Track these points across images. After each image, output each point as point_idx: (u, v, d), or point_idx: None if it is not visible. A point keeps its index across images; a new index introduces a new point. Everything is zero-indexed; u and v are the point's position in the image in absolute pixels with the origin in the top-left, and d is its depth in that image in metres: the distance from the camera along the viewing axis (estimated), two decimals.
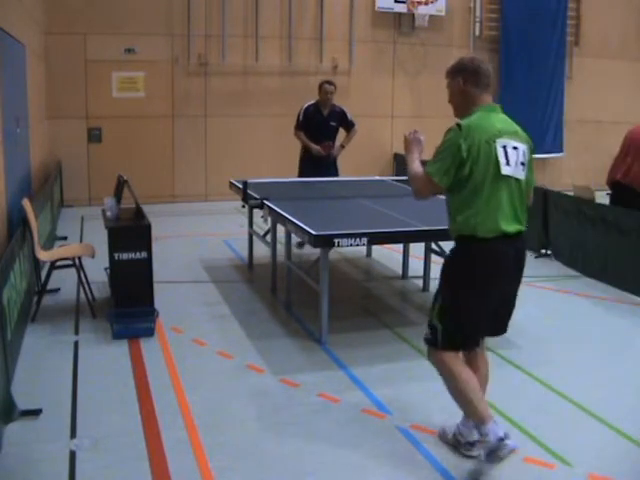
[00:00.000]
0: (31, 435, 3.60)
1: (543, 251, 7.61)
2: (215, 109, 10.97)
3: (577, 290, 6.46)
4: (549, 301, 6.18)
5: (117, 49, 10.33)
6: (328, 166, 7.81)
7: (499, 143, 3.18)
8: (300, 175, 7.87)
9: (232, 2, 10.75)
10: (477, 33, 12.21)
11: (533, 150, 3.38)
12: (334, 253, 6.60)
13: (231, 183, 7.08)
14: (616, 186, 7.02)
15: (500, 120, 3.31)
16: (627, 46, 13.10)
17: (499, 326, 3.48)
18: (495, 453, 3.12)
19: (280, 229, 5.88)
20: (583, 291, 6.43)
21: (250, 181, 6.47)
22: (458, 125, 3.25)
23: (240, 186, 6.36)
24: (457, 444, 3.50)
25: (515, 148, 3.22)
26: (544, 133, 12.63)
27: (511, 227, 3.20)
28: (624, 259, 6.39)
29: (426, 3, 11.65)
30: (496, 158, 3.15)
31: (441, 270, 3.39)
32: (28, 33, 7.80)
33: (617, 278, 6.47)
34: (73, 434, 3.61)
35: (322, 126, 7.74)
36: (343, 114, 7.92)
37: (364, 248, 7.39)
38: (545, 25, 12.29)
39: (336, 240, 4.63)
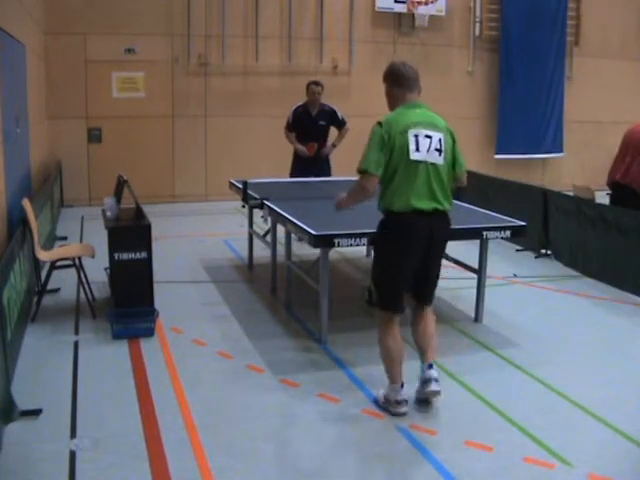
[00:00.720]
0: (31, 435, 3.60)
1: (543, 251, 7.61)
2: (215, 109, 10.97)
3: (577, 290, 6.46)
4: (549, 301, 6.18)
5: (117, 49, 10.33)
6: (320, 165, 7.89)
7: (411, 133, 3.68)
8: (292, 174, 7.97)
9: (232, 2, 10.75)
10: (477, 33, 12.21)
11: (455, 140, 3.86)
12: (334, 253, 6.60)
13: (231, 183, 7.08)
14: (616, 186, 7.03)
15: (418, 114, 3.77)
16: (627, 46, 13.10)
17: (419, 293, 4.03)
18: (387, 409, 3.86)
19: (280, 229, 5.88)
20: (583, 291, 6.43)
21: (250, 181, 6.47)
22: (379, 122, 3.76)
23: (240, 186, 6.36)
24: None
25: (428, 137, 3.71)
26: (544, 133, 12.65)
27: (425, 205, 3.72)
28: (624, 259, 6.39)
29: (426, 3, 11.65)
30: (407, 146, 3.67)
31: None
32: (28, 33, 7.80)
33: (617, 278, 6.47)
34: (73, 434, 3.61)
35: (311, 126, 7.83)
36: (333, 113, 7.99)
37: (364, 248, 7.39)
38: (545, 25, 12.30)
39: (336, 240, 4.63)
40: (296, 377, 4.35)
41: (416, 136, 3.69)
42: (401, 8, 11.57)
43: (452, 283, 6.42)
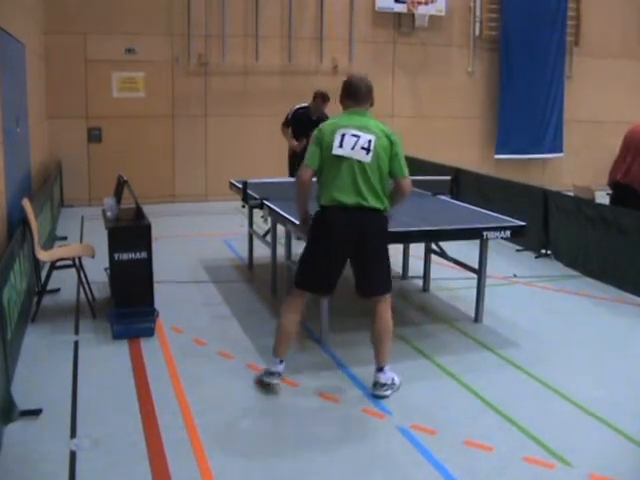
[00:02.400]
0: (31, 435, 3.60)
1: (543, 251, 7.61)
2: (215, 109, 10.97)
3: (577, 290, 6.46)
4: (549, 301, 6.18)
5: (117, 49, 10.33)
6: None
7: (339, 132, 4.03)
8: (290, 174, 8.05)
9: (232, 2, 10.75)
10: (477, 33, 12.20)
11: (393, 142, 4.08)
12: None
13: (231, 183, 7.08)
14: (616, 186, 7.03)
15: (352, 119, 4.13)
16: (627, 46, 13.10)
17: (358, 285, 4.19)
18: (262, 380, 4.17)
19: (280, 229, 5.88)
20: (583, 291, 6.43)
21: (250, 181, 6.46)
22: (319, 128, 4.19)
23: (240, 186, 6.36)
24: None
25: (355, 136, 4.00)
26: (544, 133, 12.65)
27: (347, 199, 3.96)
28: (624, 259, 6.39)
29: (426, 3, 11.64)
30: (332, 142, 4.01)
31: None
32: (28, 33, 7.80)
33: (617, 278, 6.47)
34: (73, 434, 3.62)
35: (309, 129, 7.87)
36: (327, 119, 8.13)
37: None
38: (545, 25, 12.29)
39: None
40: (296, 377, 4.35)
41: (343, 135, 4.01)
42: (401, 8, 11.57)
43: (452, 283, 6.43)
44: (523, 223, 5.28)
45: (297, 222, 4.55)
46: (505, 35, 12.18)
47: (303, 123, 8.00)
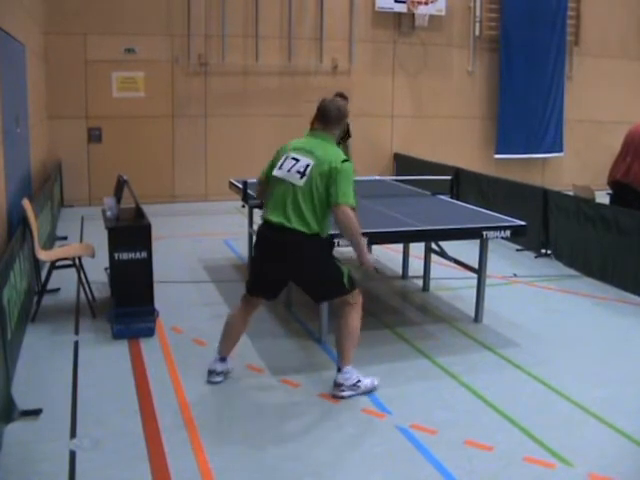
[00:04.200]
0: (31, 435, 3.60)
1: (543, 251, 7.61)
2: (215, 109, 10.97)
3: (577, 290, 6.46)
4: (549, 301, 6.18)
5: (117, 49, 10.33)
6: None
7: (285, 154, 4.13)
8: None
9: (232, 2, 10.75)
10: (477, 33, 12.21)
11: (335, 169, 3.93)
12: (334, 253, 6.59)
13: (231, 183, 7.08)
14: (616, 185, 7.03)
15: (305, 142, 4.15)
16: (627, 46, 13.10)
17: (267, 292, 4.30)
18: (208, 378, 4.26)
19: None
20: (583, 291, 6.43)
21: (250, 181, 6.46)
22: (283, 145, 4.28)
23: (240, 186, 6.36)
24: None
25: (295, 159, 4.05)
26: (544, 133, 12.65)
27: (275, 218, 4.02)
28: (624, 259, 6.39)
29: (426, 3, 11.64)
30: (276, 163, 4.14)
31: None
32: (28, 33, 7.80)
33: (617, 278, 6.47)
34: (73, 434, 3.62)
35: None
36: (347, 125, 8.08)
37: None
38: (545, 25, 12.30)
39: (336, 240, 4.62)
40: (296, 377, 4.35)
41: (286, 157, 4.11)
42: (401, 8, 11.57)
43: (452, 283, 6.43)
44: (523, 223, 5.29)
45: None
46: (505, 35, 12.18)
47: None
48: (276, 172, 4.10)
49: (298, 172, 3.99)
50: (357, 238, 3.98)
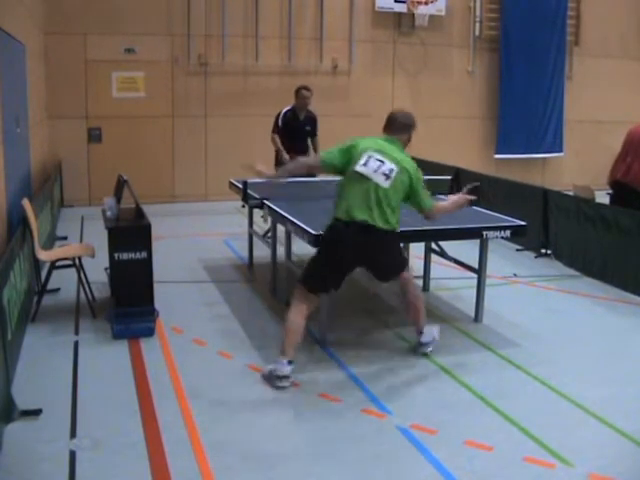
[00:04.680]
0: (31, 435, 3.60)
1: (543, 251, 7.61)
2: (215, 109, 10.97)
3: (577, 290, 6.46)
4: (549, 301, 6.18)
5: (117, 49, 10.32)
6: None
7: (367, 153, 4.36)
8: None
9: (232, 2, 10.75)
10: (477, 33, 12.20)
11: (413, 179, 4.36)
12: None
13: (231, 183, 7.08)
14: (616, 185, 7.03)
15: (384, 145, 4.42)
16: (627, 46, 13.10)
17: (334, 286, 4.53)
18: (268, 380, 4.22)
19: (280, 229, 5.88)
20: (583, 291, 6.43)
21: (250, 181, 6.46)
22: (356, 139, 4.52)
23: (240, 186, 6.36)
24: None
25: (380, 161, 4.31)
26: (544, 133, 12.64)
27: (359, 215, 4.24)
28: (624, 259, 6.39)
29: (426, 3, 11.64)
30: (358, 161, 4.34)
31: None
32: (28, 33, 7.80)
33: (617, 278, 6.47)
34: (73, 434, 3.62)
35: (298, 130, 7.94)
36: (316, 120, 8.18)
37: None
38: (545, 25, 12.29)
39: None
40: (296, 377, 4.34)
41: (370, 156, 4.33)
42: (401, 8, 11.56)
43: (452, 283, 6.43)
44: (523, 223, 5.29)
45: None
46: (505, 35, 12.17)
47: (292, 126, 7.96)
48: (360, 168, 4.30)
49: (384, 174, 4.27)
50: (456, 209, 4.70)
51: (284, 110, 8.15)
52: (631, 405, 4.08)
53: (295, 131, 7.95)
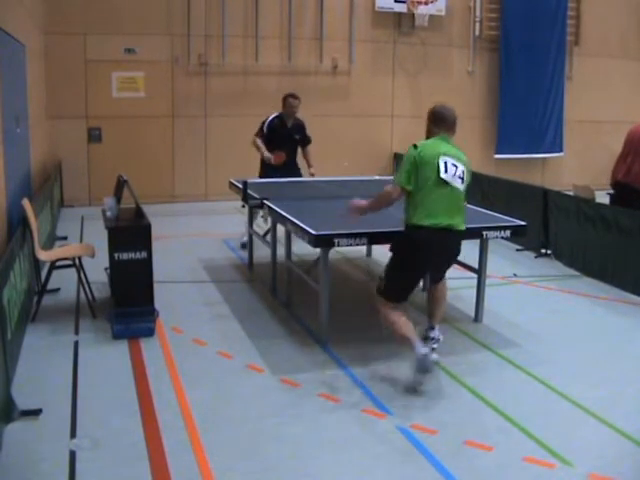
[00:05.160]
0: (31, 435, 3.60)
1: (543, 251, 7.61)
2: (215, 109, 10.97)
3: (577, 290, 6.46)
4: (549, 301, 6.18)
5: (117, 49, 10.33)
6: (289, 169, 7.73)
7: (442, 158, 4.31)
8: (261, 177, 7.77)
9: (232, 2, 10.75)
10: (477, 33, 12.21)
11: (470, 171, 4.50)
12: (334, 253, 6.60)
13: (231, 183, 7.08)
14: (618, 186, 7.03)
15: (449, 148, 4.41)
16: (627, 46, 13.11)
17: (432, 278, 4.76)
18: (419, 365, 4.12)
19: (280, 229, 5.88)
20: (583, 291, 6.43)
21: (250, 181, 6.47)
22: (414, 145, 4.39)
23: (240, 186, 6.36)
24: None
25: (455, 165, 4.34)
26: (544, 133, 12.65)
27: (445, 221, 4.29)
28: (624, 259, 6.39)
29: (426, 3, 11.64)
30: (438, 167, 4.28)
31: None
32: (28, 33, 7.80)
33: (617, 278, 6.47)
34: (73, 434, 3.62)
35: (285, 138, 7.72)
36: (304, 128, 7.92)
37: (364, 248, 7.39)
38: (545, 25, 12.30)
39: (336, 240, 4.63)
40: (296, 377, 4.35)
41: (445, 162, 4.32)
42: (401, 8, 11.57)
43: (452, 283, 6.41)
44: (523, 223, 5.29)
45: (354, 207, 4.63)
46: (505, 35, 12.18)
47: (280, 134, 7.68)
48: (444, 175, 4.29)
49: (460, 178, 4.36)
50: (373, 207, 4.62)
51: (271, 117, 7.83)
52: (631, 405, 4.09)
53: (282, 139, 7.71)
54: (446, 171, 4.30)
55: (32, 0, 8.50)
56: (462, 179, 4.38)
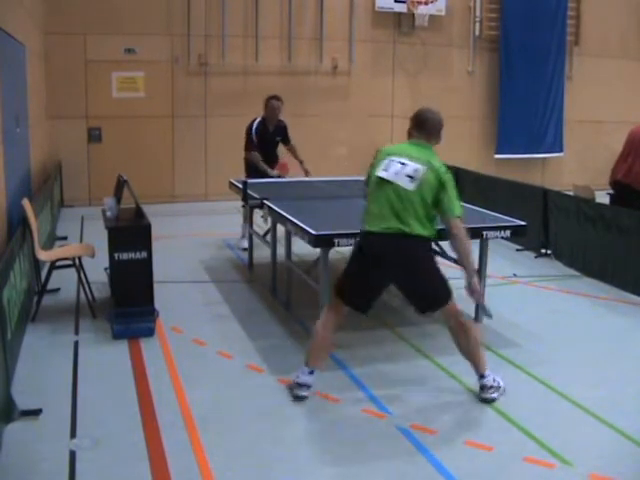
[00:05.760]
0: (31, 435, 3.60)
1: (543, 251, 7.61)
2: (215, 109, 10.97)
3: (577, 290, 6.46)
4: (549, 301, 6.18)
5: (117, 49, 10.33)
6: (273, 162, 7.73)
7: (389, 158, 4.04)
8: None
9: (232, 2, 10.75)
10: (477, 33, 12.21)
11: (442, 182, 3.94)
12: (334, 253, 6.59)
13: (231, 183, 7.08)
14: (617, 186, 7.04)
15: (408, 149, 4.10)
16: (627, 46, 13.10)
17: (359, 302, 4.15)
18: (290, 390, 4.08)
19: (280, 229, 5.88)
20: (583, 291, 6.43)
21: (250, 181, 6.47)
22: (379, 149, 4.26)
23: (240, 186, 6.36)
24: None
25: (402, 163, 3.97)
26: (544, 133, 12.65)
27: (388, 224, 3.90)
28: (624, 259, 6.39)
29: (426, 3, 11.64)
30: (378, 166, 4.04)
31: None
32: (28, 33, 7.80)
33: (617, 278, 6.47)
34: (73, 434, 3.62)
35: (268, 141, 7.68)
36: (286, 129, 7.84)
37: None
38: (545, 25, 12.29)
39: (336, 240, 4.63)
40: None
41: (391, 160, 4.01)
42: (401, 8, 11.57)
43: (452, 283, 6.41)
44: (523, 223, 5.29)
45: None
46: (505, 35, 12.18)
47: (263, 137, 7.60)
48: (381, 173, 3.98)
49: (408, 176, 3.91)
50: (469, 256, 4.02)
51: (255, 124, 7.67)
52: (631, 405, 4.08)
53: (266, 142, 7.63)
54: (386, 169, 3.97)
55: (32, 0, 8.50)
56: (412, 177, 3.90)
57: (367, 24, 11.63)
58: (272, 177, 7.47)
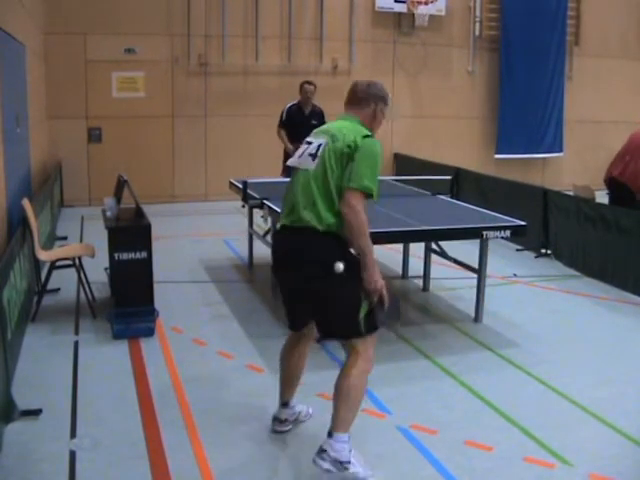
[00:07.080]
0: (31, 435, 3.60)
1: (543, 251, 7.61)
2: (215, 109, 10.97)
3: (577, 290, 6.46)
4: (549, 301, 6.18)
5: (117, 49, 10.33)
6: None
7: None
8: (283, 173, 7.94)
9: (232, 2, 10.75)
10: (477, 33, 12.21)
11: (354, 146, 3.14)
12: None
13: (231, 183, 7.08)
14: (612, 183, 7.05)
15: (327, 126, 3.46)
16: (627, 46, 13.11)
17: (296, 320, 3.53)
18: (272, 427, 3.65)
19: None
20: (583, 291, 6.43)
21: (250, 181, 6.47)
22: None
23: (240, 186, 6.36)
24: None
25: (309, 142, 3.35)
26: (544, 133, 12.66)
27: (287, 219, 3.25)
28: (624, 259, 6.39)
29: (426, 3, 11.65)
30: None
31: None
32: (28, 33, 7.80)
33: (617, 278, 6.47)
34: (73, 434, 3.61)
35: (304, 125, 7.81)
36: (323, 114, 8.17)
37: None
38: (545, 25, 12.30)
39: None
40: None
41: (307, 142, 3.38)
42: (401, 8, 11.57)
43: (452, 283, 6.43)
44: (523, 223, 5.29)
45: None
46: (505, 35, 12.18)
47: (298, 121, 7.95)
48: (289, 161, 3.44)
49: (310, 155, 3.24)
50: (362, 241, 3.11)
51: (289, 104, 8.24)
52: (631, 405, 4.08)
53: (300, 125, 7.86)
54: (299, 156, 3.34)
55: (32, 0, 8.50)
56: (314, 155, 3.20)
57: (367, 24, 11.63)
58: (289, 150, 7.73)
